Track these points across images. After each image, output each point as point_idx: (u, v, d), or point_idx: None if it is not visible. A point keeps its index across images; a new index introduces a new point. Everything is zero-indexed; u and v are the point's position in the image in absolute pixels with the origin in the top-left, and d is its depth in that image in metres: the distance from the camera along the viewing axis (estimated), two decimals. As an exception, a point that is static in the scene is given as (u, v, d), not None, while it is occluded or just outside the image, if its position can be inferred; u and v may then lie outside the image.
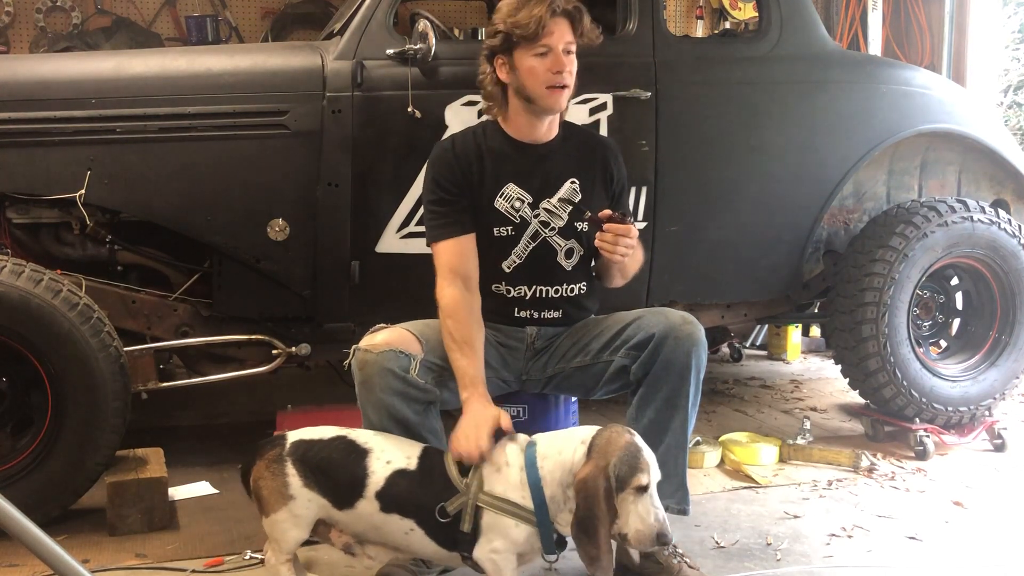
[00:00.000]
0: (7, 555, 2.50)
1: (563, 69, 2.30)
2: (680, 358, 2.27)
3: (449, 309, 2.27)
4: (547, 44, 2.29)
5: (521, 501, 2.01)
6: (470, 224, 2.36)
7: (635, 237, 2.30)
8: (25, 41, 4.72)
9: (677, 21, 5.64)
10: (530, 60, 2.30)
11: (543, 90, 2.32)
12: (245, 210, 3.00)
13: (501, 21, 2.32)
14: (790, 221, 3.50)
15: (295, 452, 2.11)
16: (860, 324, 3.45)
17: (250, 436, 3.48)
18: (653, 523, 1.94)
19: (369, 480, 2.07)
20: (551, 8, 2.27)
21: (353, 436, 2.14)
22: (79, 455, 2.68)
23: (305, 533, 2.13)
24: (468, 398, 2.18)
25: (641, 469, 1.95)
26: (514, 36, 2.29)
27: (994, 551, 2.63)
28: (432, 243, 2.37)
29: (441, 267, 2.33)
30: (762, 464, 3.30)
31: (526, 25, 2.27)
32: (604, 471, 1.94)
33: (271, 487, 2.10)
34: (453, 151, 2.40)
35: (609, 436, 2.00)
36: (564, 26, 2.31)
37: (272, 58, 3.12)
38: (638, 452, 1.98)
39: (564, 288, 2.46)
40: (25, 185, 2.93)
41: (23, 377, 2.74)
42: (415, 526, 2.06)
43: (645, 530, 1.94)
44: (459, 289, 2.29)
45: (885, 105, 3.53)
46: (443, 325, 2.27)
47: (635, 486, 1.94)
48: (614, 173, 2.53)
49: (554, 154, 2.45)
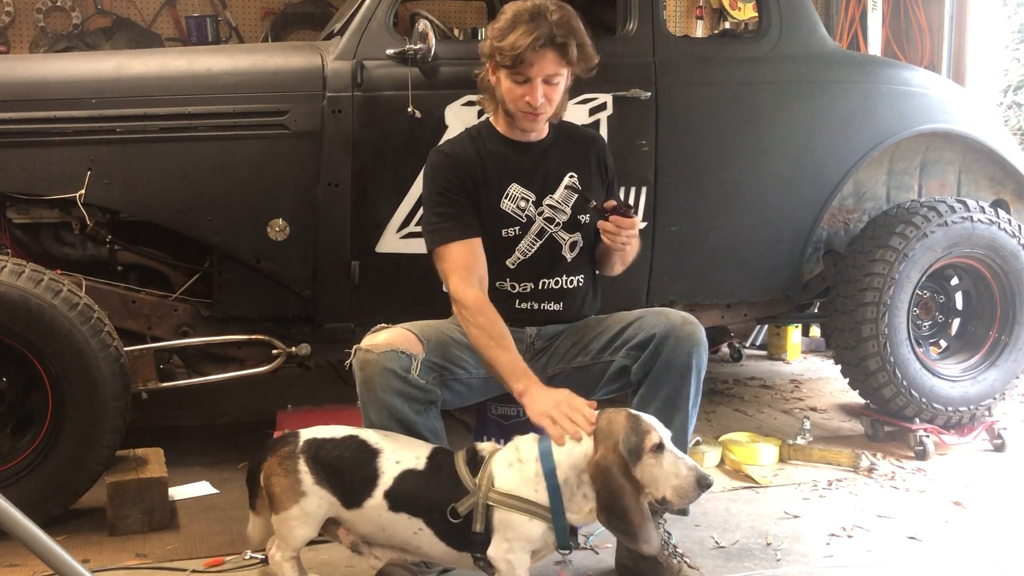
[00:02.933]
0: (7, 555, 2.50)
1: (535, 102, 2.30)
2: (681, 358, 2.27)
3: (477, 307, 2.27)
4: (524, 74, 2.29)
5: (534, 496, 2.00)
6: (477, 227, 2.37)
7: (637, 228, 2.35)
8: (25, 41, 4.72)
9: (677, 21, 5.64)
10: (508, 82, 2.32)
11: (518, 112, 2.36)
12: (245, 210, 3.00)
13: (490, 38, 2.33)
14: (790, 221, 3.50)
15: (308, 450, 2.12)
16: (860, 324, 3.45)
17: (250, 436, 3.51)
18: (686, 472, 1.96)
19: (379, 479, 2.07)
20: (536, 40, 2.24)
21: (364, 436, 2.15)
22: (79, 455, 2.67)
23: (313, 531, 2.13)
24: (526, 388, 2.17)
25: (647, 431, 1.98)
26: (497, 57, 2.31)
27: (994, 551, 2.63)
28: (440, 246, 2.35)
29: (456, 268, 2.32)
30: (762, 464, 3.30)
31: (506, 54, 2.27)
32: (614, 450, 1.96)
33: (283, 484, 2.10)
34: (453, 157, 2.40)
35: (609, 417, 2.02)
36: (548, 58, 2.27)
37: (272, 58, 3.12)
38: (638, 419, 2.01)
39: (565, 280, 2.47)
40: (25, 185, 2.93)
41: (23, 377, 2.73)
42: (424, 526, 2.06)
43: (681, 483, 1.95)
44: (478, 289, 2.31)
45: (885, 105, 3.54)
46: (473, 323, 2.26)
47: (650, 448, 1.96)
48: (607, 164, 2.58)
49: (550, 151, 2.48)
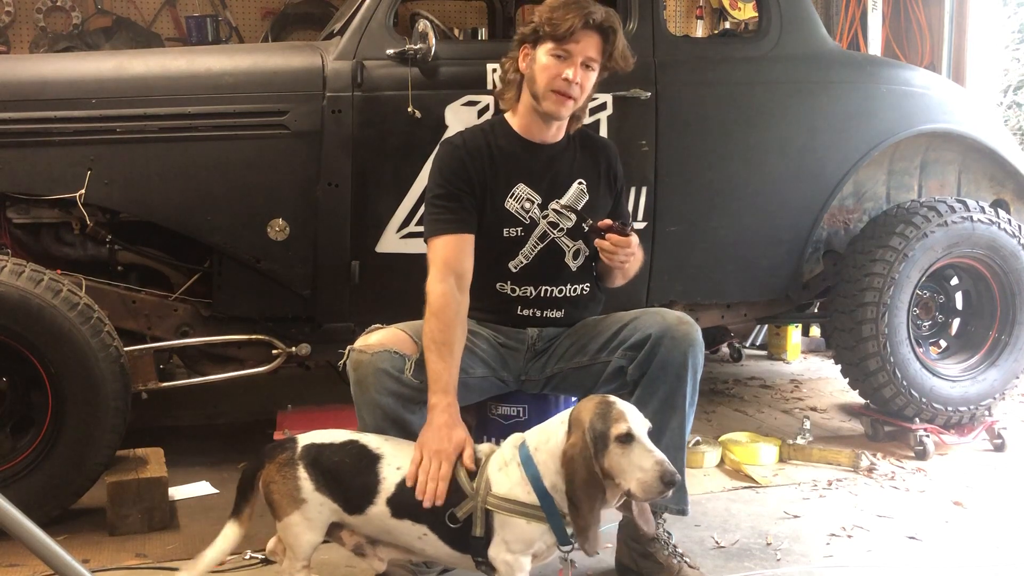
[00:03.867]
0: (7, 555, 2.50)
1: (572, 79, 2.31)
2: (676, 358, 2.27)
3: (436, 307, 2.23)
4: (568, 49, 2.30)
5: (527, 498, 1.99)
6: (473, 224, 2.35)
7: (635, 245, 2.33)
8: (25, 41, 4.72)
9: (677, 21, 5.64)
10: (548, 57, 2.32)
11: (548, 91, 2.33)
12: (245, 210, 3.00)
13: (539, 14, 2.34)
14: (790, 221, 3.50)
15: (307, 456, 2.09)
16: (860, 324, 3.45)
17: (250, 436, 3.52)
18: (651, 467, 1.87)
19: (380, 486, 2.06)
20: (586, 19, 2.28)
21: (365, 441, 2.12)
22: (79, 455, 2.68)
23: (319, 536, 2.10)
24: (436, 405, 2.14)
25: (615, 419, 1.91)
26: (543, 29, 2.31)
27: (994, 551, 2.63)
28: (431, 237, 2.33)
29: (436, 261, 2.30)
30: (762, 464, 3.30)
31: (557, 24, 2.28)
32: (582, 438, 1.92)
33: (282, 491, 2.07)
34: (464, 148, 2.38)
35: (582, 405, 1.98)
36: (593, 40, 2.31)
37: (272, 58, 3.12)
38: (609, 406, 1.95)
39: (568, 288, 2.46)
40: (25, 185, 2.93)
41: (23, 377, 2.73)
42: (428, 531, 2.05)
43: (645, 477, 1.87)
44: (450, 287, 2.26)
45: (885, 105, 3.53)
46: (426, 322, 2.23)
47: (615, 436, 1.90)
48: (617, 173, 2.56)
49: (562, 155, 2.46)
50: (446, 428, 2.09)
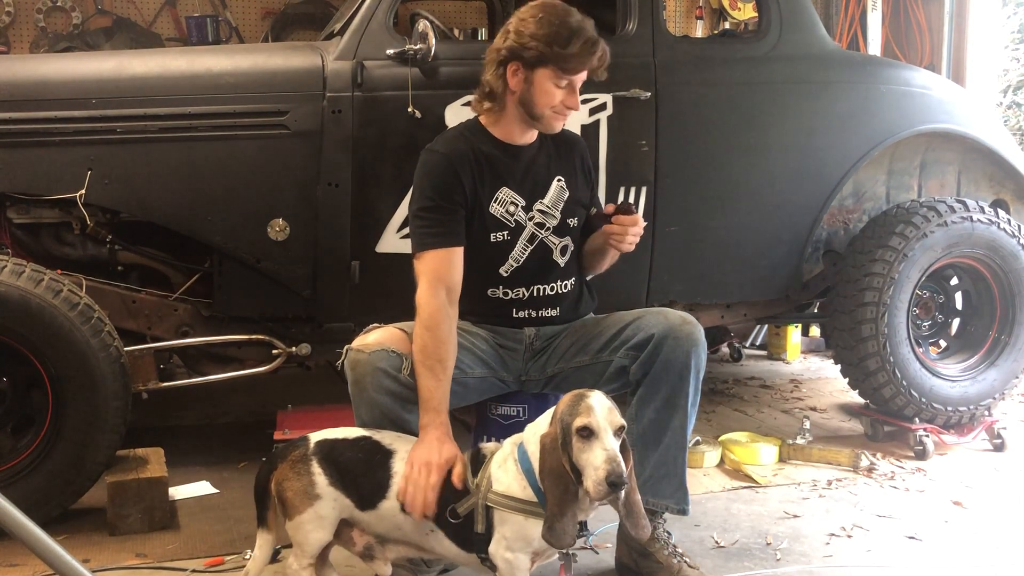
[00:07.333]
0: (7, 555, 2.50)
1: (577, 107, 2.36)
2: (679, 358, 2.27)
3: (430, 322, 2.21)
4: (573, 80, 2.32)
5: (523, 494, 1.99)
6: (462, 236, 2.33)
7: (641, 223, 2.36)
8: (25, 41, 4.72)
9: (677, 21, 5.64)
10: (550, 84, 2.31)
11: (549, 112, 2.34)
12: (245, 210, 3.00)
13: (544, 41, 2.27)
14: (790, 221, 3.50)
15: (320, 451, 2.10)
16: (860, 324, 3.45)
17: (250, 436, 3.51)
18: (600, 466, 1.82)
19: (392, 480, 2.07)
20: (592, 52, 2.29)
21: (378, 437, 2.14)
22: (79, 455, 2.68)
23: (329, 535, 2.10)
24: (427, 425, 2.13)
25: (579, 413, 1.88)
26: (549, 58, 2.28)
27: (993, 551, 2.63)
28: (421, 251, 2.30)
29: (427, 274, 2.27)
30: (762, 464, 3.30)
31: (566, 59, 2.27)
32: (554, 428, 1.92)
33: (296, 488, 2.07)
34: (450, 157, 2.35)
35: (564, 399, 1.97)
36: (590, 63, 2.33)
37: (272, 58, 3.13)
38: (580, 399, 1.93)
39: (560, 285, 2.47)
40: (25, 185, 2.93)
41: (23, 377, 2.74)
42: (435, 527, 2.06)
43: (596, 475, 1.83)
44: (442, 301, 2.24)
45: (885, 105, 3.54)
46: (418, 337, 2.21)
47: (576, 429, 1.87)
48: (590, 166, 2.59)
49: (538, 155, 2.47)
50: (437, 443, 2.10)
